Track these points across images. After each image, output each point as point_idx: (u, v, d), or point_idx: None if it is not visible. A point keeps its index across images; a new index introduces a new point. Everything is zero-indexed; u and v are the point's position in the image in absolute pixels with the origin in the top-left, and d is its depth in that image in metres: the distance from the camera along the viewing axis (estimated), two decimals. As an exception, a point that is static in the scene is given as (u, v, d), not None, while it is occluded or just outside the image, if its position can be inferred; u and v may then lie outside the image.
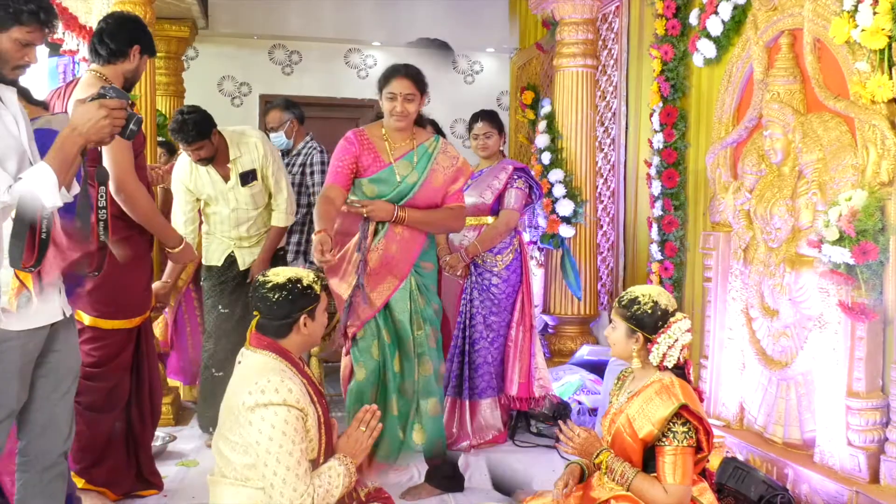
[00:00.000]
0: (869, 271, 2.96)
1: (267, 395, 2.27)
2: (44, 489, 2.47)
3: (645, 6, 5.23)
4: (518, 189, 4.45)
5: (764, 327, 3.71)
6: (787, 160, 3.62)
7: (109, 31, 3.27)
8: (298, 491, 2.26)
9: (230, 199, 4.32)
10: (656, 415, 2.49)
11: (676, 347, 2.56)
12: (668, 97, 4.61)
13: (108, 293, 3.29)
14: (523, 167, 4.57)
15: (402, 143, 3.55)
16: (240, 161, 4.28)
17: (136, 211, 3.31)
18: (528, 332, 4.47)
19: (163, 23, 6.43)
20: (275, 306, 2.41)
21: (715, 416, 4.00)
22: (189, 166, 4.32)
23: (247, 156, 4.29)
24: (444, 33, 7.72)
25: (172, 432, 4.38)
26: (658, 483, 2.49)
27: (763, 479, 3.15)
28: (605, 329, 2.78)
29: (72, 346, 2.53)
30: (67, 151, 2.19)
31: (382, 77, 3.55)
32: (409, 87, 3.46)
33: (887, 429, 3.06)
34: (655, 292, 2.63)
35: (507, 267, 4.43)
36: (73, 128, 2.19)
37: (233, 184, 4.29)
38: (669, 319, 2.58)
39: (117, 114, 2.23)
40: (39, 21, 2.24)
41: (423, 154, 3.54)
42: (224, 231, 4.38)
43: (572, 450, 2.66)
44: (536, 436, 4.53)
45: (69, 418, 2.54)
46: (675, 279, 4.60)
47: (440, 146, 3.57)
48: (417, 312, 3.48)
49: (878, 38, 2.98)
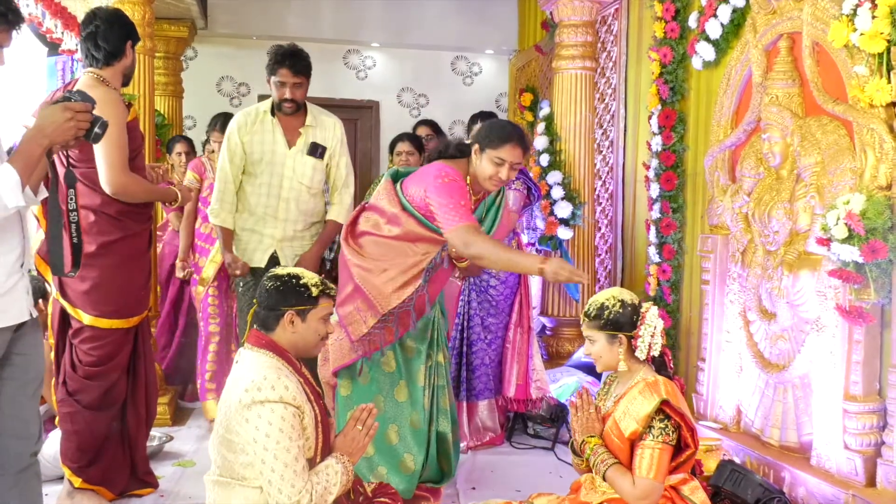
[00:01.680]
0: (878, 270, 2.95)
1: (263, 393, 2.27)
2: (21, 491, 2.46)
3: (644, 9, 5.23)
4: (516, 191, 4.45)
5: (761, 330, 3.71)
6: (786, 163, 3.62)
7: (102, 33, 3.25)
8: (297, 487, 2.25)
9: (287, 167, 3.95)
10: (640, 412, 2.52)
11: (657, 334, 2.61)
12: (666, 100, 4.62)
13: (107, 293, 3.29)
14: (521, 168, 4.57)
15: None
16: (313, 131, 4.00)
17: (136, 198, 3.31)
18: (526, 333, 4.47)
19: (162, 23, 6.44)
20: (266, 294, 2.45)
21: (712, 418, 4.01)
22: (253, 116, 4.00)
23: (321, 132, 4.02)
24: (444, 34, 7.73)
25: (169, 432, 4.38)
26: (629, 475, 2.52)
27: (760, 482, 3.16)
28: (583, 348, 2.78)
29: (39, 347, 2.52)
30: (31, 153, 2.22)
31: (496, 138, 3.20)
32: (520, 157, 3.21)
33: (884, 432, 3.06)
34: (616, 292, 2.68)
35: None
36: (38, 129, 2.23)
37: (298, 150, 3.97)
38: (640, 311, 2.61)
39: (82, 116, 2.26)
40: (7, 22, 2.30)
41: (490, 200, 3.45)
42: (267, 214, 3.97)
43: (575, 423, 2.69)
44: (533, 437, 4.53)
45: (38, 419, 2.54)
46: (672, 282, 4.60)
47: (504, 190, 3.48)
48: (439, 339, 3.47)
49: (877, 41, 2.98)
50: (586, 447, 2.63)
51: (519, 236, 4.62)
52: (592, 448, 2.61)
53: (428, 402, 3.42)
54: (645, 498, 2.48)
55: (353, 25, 7.61)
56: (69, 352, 3.36)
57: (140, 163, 3.41)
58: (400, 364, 3.41)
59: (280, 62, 3.87)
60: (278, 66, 3.88)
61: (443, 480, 3.54)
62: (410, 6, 7.63)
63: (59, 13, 4.50)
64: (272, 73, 3.90)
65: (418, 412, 3.39)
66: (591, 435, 2.64)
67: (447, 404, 3.49)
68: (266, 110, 3.99)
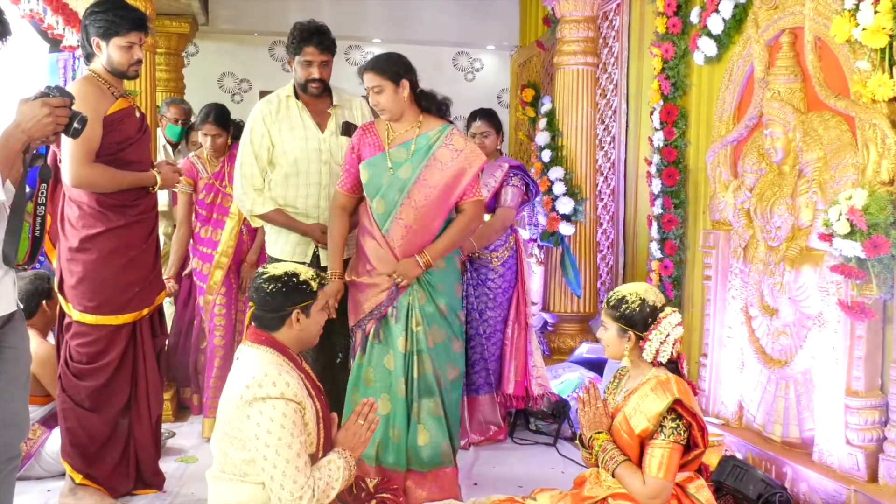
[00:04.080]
0: (880, 265, 2.95)
1: (265, 389, 2.27)
2: (3, 480, 2.48)
3: (646, 4, 5.22)
4: (514, 187, 4.45)
5: (763, 326, 3.71)
6: (788, 159, 3.62)
7: (83, 30, 3.26)
8: (299, 483, 2.26)
9: (323, 152, 3.66)
10: (651, 410, 2.51)
11: (668, 342, 2.58)
12: (668, 95, 4.61)
13: (91, 287, 3.25)
14: (519, 165, 4.57)
15: (403, 130, 3.36)
16: (341, 112, 3.74)
17: (103, 189, 3.22)
18: (524, 330, 4.46)
19: (163, 19, 6.44)
20: (268, 297, 2.43)
21: (714, 414, 4.01)
22: (276, 104, 3.70)
23: (348, 111, 3.77)
24: (445, 30, 7.72)
25: (171, 428, 4.38)
26: (639, 473, 2.52)
27: (762, 477, 3.16)
28: (598, 331, 2.78)
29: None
30: (10, 147, 2.24)
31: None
32: (373, 79, 3.28)
33: (886, 428, 3.06)
34: (642, 290, 2.65)
35: (503, 263, 4.44)
36: (17, 125, 2.25)
37: (330, 133, 3.69)
38: (658, 315, 2.60)
39: (60, 112, 2.28)
40: None
41: (424, 146, 3.33)
42: (309, 206, 3.66)
43: (582, 417, 2.68)
44: (535, 433, 4.53)
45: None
46: (674, 277, 4.60)
47: (444, 138, 3.34)
48: (416, 309, 3.32)
49: (879, 36, 2.98)
50: (594, 443, 2.62)
51: (517, 232, 4.61)
52: (601, 444, 2.60)
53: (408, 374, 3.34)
54: (655, 497, 2.48)
55: (355, 21, 7.60)
56: (64, 348, 3.35)
57: (131, 155, 3.30)
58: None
59: (307, 39, 3.60)
60: (304, 44, 3.60)
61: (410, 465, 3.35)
62: (411, 1, 7.63)
63: (61, 9, 4.49)
64: (297, 52, 3.62)
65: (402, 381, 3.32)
66: (599, 431, 2.64)
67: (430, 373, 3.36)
68: (289, 95, 3.71)
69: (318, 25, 3.67)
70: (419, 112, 3.39)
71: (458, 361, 3.45)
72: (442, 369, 3.36)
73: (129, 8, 3.29)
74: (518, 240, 4.57)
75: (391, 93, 3.29)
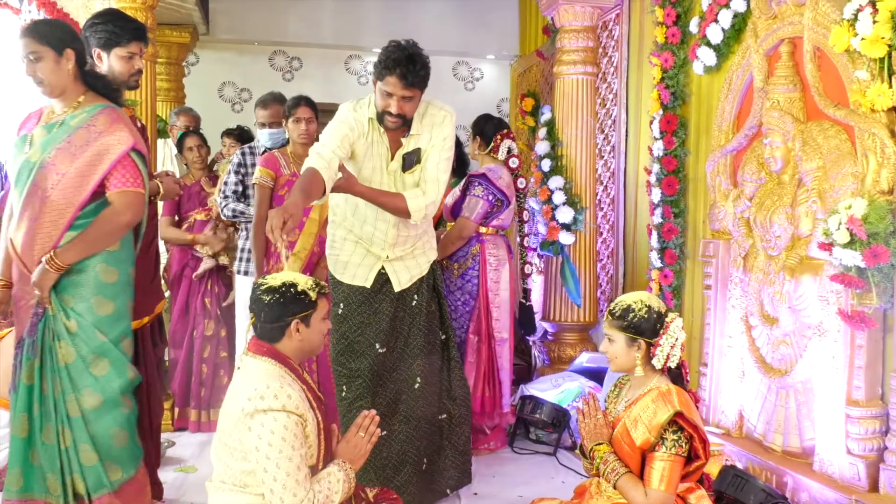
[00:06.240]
0: (880, 275, 2.96)
1: (266, 401, 2.27)
2: None
3: (645, 14, 5.24)
4: (473, 196, 4.42)
5: (763, 335, 3.71)
6: (787, 168, 3.62)
7: (84, 44, 3.20)
8: (298, 496, 2.25)
9: (385, 186, 3.34)
10: (653, 421, 2.50)
11: (677, 346, 2.60)
12: (668, 105, 4.62)
13: None
14: (481, 174, 4.51)
15: (62, 110, 2.91)
16: (415, 140, 3.35)
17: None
18: (485, 343, 4.41)
19: (164, 28, 6.48)
20: (266, 308, 2.41)
21: (714, 423, 4.00)
22: (366, 125, 3.30)
23: (426, 135, 3.34)
24: (445, 40, 7.74)
25: (171, 438, 4.37)
26: (641, 486, 2.51)
27: (762, 487, 3.15)
28: (601, 345, 2.76)
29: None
30: None
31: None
32: (30, 45, 2.83)
33: (886, 437, 3.06)
34: (645, 297, 2.65)
35: (463, 275, 4.42)
36: None
37: (395, 167, 3.35)
38: (665, 320, 2.60)
39: None
40: None
41: (67, 125, 2.86)
42: (374, 233, 3.41)
43: (582, 429, 2.68)
44: (535, 443, 4.53)
45: None
46: (674, 287, 4.60)
47: (90, 118, 2.85)
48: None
49: (878, 46, 2.99)
50: (595, 455, 2.61)
51: (484, 243, 4.48)
52: (602, 457, 2.59)
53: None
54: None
55: (355, 31, 7.62)
56: None
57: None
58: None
59: (391, 68, 3.12)
60: (387, 73, 3.13)
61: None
62: (411, 11, 7.65)
63: (62, 18, 4.50)
64: (379, 78, 3.18)
65: None
66: (600, 442, 2.63)
67: None
68: (371, 117, 3.30)
69: (411, 53, 3.15)
70: (84, 90, 2.94)
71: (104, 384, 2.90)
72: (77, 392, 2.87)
73: (129, 19, 3.30)
74: (483, 251, 4.45)
75: (51, 62, 2.83)
